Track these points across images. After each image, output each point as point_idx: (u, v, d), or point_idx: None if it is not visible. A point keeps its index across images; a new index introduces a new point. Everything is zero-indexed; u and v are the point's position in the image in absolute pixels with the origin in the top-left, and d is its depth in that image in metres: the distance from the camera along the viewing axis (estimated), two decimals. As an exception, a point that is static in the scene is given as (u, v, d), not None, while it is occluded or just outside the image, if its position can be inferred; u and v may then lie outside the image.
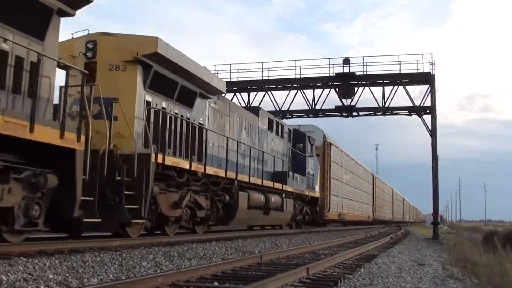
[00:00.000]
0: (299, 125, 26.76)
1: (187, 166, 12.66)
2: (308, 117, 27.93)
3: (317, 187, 26.16)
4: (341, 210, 31.99)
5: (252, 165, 17.73)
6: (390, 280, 7.70)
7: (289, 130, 23.38)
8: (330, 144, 29.53)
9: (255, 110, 19.93)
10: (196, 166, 13.10)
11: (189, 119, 13.39)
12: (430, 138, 27.65)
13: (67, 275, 6.12)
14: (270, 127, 20.55)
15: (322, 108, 29.01)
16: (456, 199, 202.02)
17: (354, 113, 29.11)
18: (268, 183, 18.65)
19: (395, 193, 68.23)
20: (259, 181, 17.79)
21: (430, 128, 27.48)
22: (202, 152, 13.83)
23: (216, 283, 6.19)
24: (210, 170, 13.98)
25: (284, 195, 20.30)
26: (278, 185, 19.62)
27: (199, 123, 14.04)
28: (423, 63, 27.86)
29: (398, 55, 30.56)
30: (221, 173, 14.89)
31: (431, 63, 28.01)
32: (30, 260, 6.87)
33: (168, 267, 7.57)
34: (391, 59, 33.92)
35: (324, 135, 28.81)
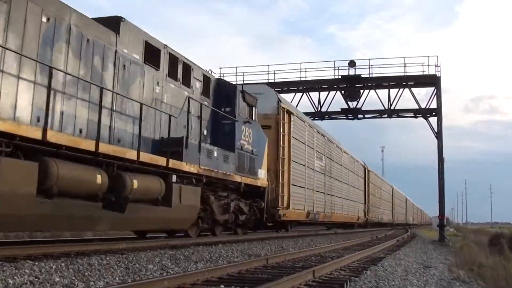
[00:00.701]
0: (242, 85, 18.62)
1: None
2: (314, 119, 27.89)
3: (262, 172, 16.94)
4: (312, 208, 23.07)
5: (82, 114, 9.51)
6: (396, 283, 7.70)
7: (205, 77, 14.30)
8: (288, 112, 20.31)
9: (112, 22, 10.69)
10: None
11: None
12: (436, 140, 27.63)
13: (73, 278, 6.14)
14: (152, 61, 11.70)
15: (328, 110, 29.08)
16: (462, 201, 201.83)
17: (360, 116, 29.14)
18: (118, 151, 9.93)
19: (396, 192, 60.76)
20: (86, 144, 9.15)
21: (436, 130, 27.46)
22: None
23: (222, 286, 6.20)
24: None
25: (175, 178, 11.66)
26: (153, 159, 10.94)
27: None
28: (428, 65, 27.93)
29: (404, 57, 30.59)
30: None
31: (437, 65, 28.08)
32: (36, 263, 6.89)
33: (174, 270, 7.58)
34: (397, 61, 33.81)
35: (279, 99, 19.96)
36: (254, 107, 16.42)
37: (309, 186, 22.93)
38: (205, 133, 13.85)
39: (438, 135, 27.39)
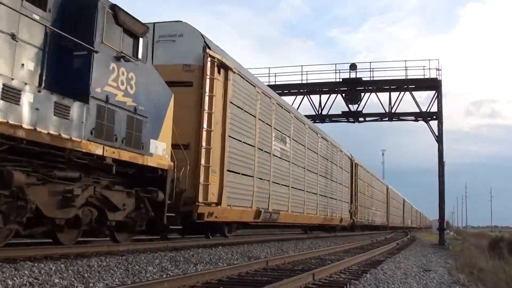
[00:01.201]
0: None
1: None
2: (315, 122, 27.91)
3: (160, 146, 10.70)
4: (266, 205, 16.97)
5: None
6: (396, 286, 7.72)
7: None
8: (224, 66, 13.88)
9: None
10: None
11: None
12: (436, 143, 27.64)
13: (73, 279, 6.13)
14: None
15: (329, 113, 29.11)
16: (463, 204, 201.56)
17: (361, 119, 29.15)
18: None
19: (392, 192, 55.17)
20: None
21: (437, 134, 27.47)
22: None
23: (221, 288, 6.20)
24: None
25: None
26: None
27: None
28: (429, 68, 28.11)
29: (405, 60, 30.66)
30: None
31: (438, 69, 28.15)
32: (36, 264, 6.88)
33: (174, 272, 7.57)
34: (398, 64, 34.00)
35: (207, 44, 13.33)
36: (141, 39, 10.02)
37: (262, 176, 16.67)
38: (30, 67, 7.97)
39: (439, 138, 27.40)
